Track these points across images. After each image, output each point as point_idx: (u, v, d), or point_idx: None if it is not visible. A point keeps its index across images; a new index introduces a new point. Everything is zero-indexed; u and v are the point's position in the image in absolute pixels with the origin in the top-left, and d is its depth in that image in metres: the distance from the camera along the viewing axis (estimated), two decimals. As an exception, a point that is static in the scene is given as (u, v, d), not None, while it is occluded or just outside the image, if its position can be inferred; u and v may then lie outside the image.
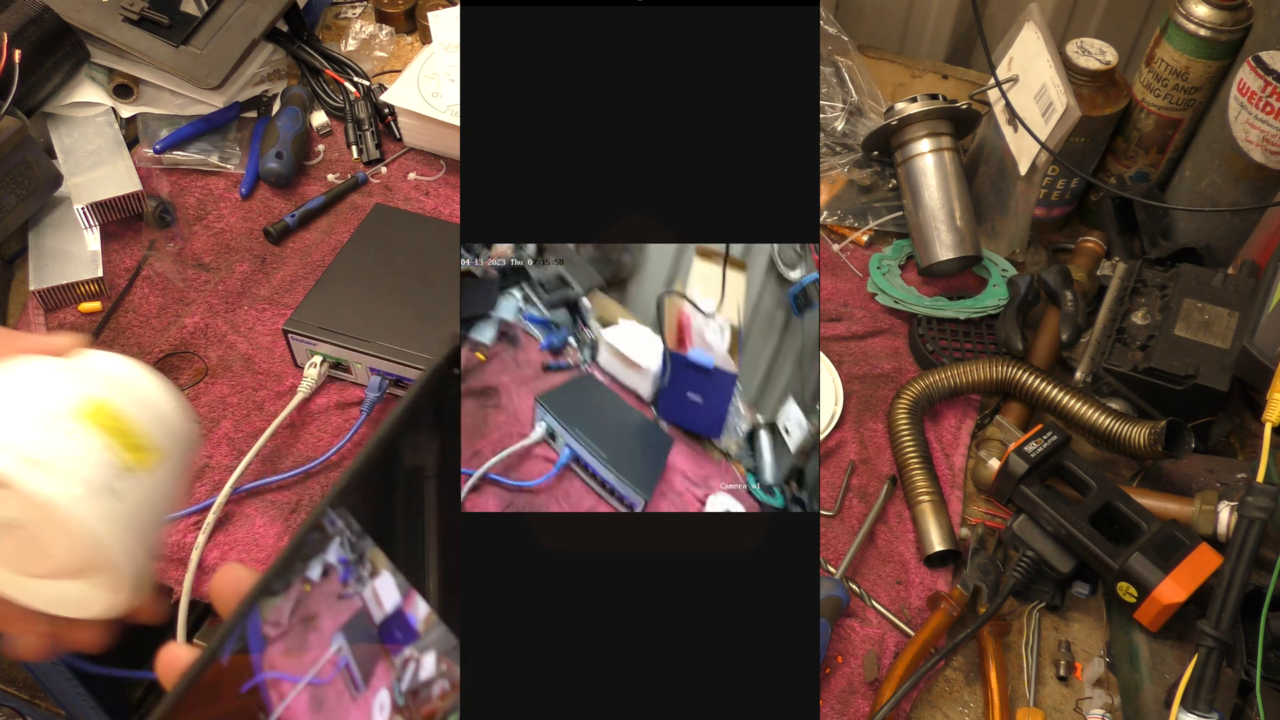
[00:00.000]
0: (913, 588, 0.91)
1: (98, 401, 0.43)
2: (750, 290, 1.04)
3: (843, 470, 0.98)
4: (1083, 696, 0.85)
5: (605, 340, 1.01)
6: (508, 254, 1.05)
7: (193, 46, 1.17)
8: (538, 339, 1.02)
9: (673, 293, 1.01)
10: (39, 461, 0.40)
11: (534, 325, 1.04)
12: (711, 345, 0.96)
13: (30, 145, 1.05)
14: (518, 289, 1.07)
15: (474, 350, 0.98)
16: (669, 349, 0.99)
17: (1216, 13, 1.01)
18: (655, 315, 1.04)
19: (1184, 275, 1.01)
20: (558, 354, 1.02)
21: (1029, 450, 0.87)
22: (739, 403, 1.01)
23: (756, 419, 0.98)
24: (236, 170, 1.20)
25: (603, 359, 1.01)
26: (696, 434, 0.99)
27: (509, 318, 1.03)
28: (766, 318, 1.03)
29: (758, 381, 1.04)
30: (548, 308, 1.06)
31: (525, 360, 0.98)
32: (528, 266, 1.07)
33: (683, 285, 1.04)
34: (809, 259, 0.99)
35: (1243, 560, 0.74)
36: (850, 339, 1.09)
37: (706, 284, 1.01)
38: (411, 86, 1.22)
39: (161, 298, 1.08)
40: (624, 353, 0.99)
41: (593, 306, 1.09)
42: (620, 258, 1.13)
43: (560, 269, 1.09)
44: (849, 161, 1.22)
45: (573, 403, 0.89)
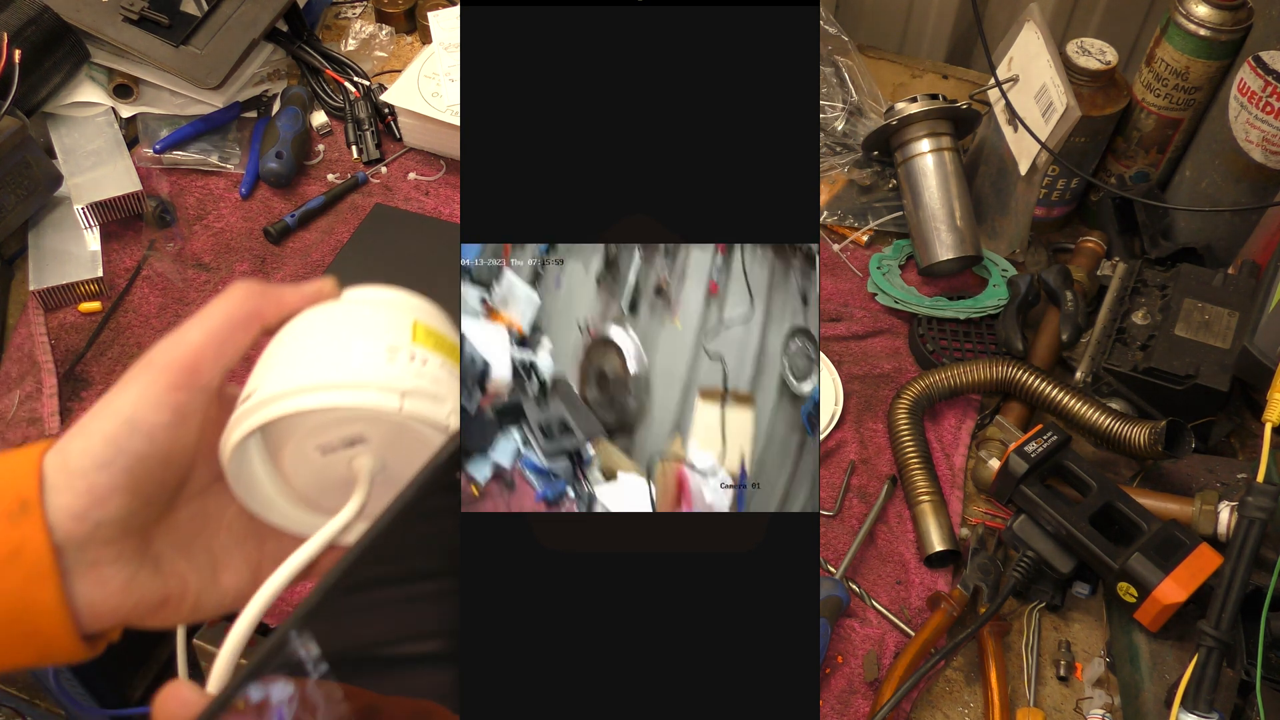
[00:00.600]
0: (913, 588, 0.91)
1: (417, 325, 0.44)
2: (760, 422, 1.00)
3: (843, 470, 0.98)
4: (1083, 696, 0.85)
5: (601, 499, 0.99)
6: (504, 391, 1.01)
7: (193, 46, 1.17)
8: (534, 489, 0.99)
9: (666, 456, 0.98)
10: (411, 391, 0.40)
11: (532, 473, 1.01)
12: (711, 505, 0.94)
13: (30, 145, 1.05)
14: (517, 430, 1.03)
15: (469, 484, 0.97)
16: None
17: (1216, 13, 1.01)
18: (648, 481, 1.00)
19: (1184, 275, 1.01)
20: (552, 506, 0.99)
21: (1029, 450, 0.87)
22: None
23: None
24: (236, 170, 1.20)
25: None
26: None
27: (505, 462, 1.00)
28: (780, 447, 1.00)
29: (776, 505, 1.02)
30: (547, 456, 1.03)
31: (518, 508, 0.98)
32: (526, 406, 1.04)
33: (682, 438, 1.00)
34: (817, 369, 0.96)
35: (1243, 560, 0.74)
36: (850, 339, 1.09)
37: (707, 434, 0.95)
38: (411, 86, 1.22)
39: (161, 298, 1.08)
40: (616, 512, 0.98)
41: (596, 455, 1.05)
42: (625, 401, 1.11)
43: (563, 412, 1.07)
44: (849, 161, 1.22)
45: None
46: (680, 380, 1.08)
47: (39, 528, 0.38)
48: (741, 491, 0.92)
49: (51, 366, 1.00)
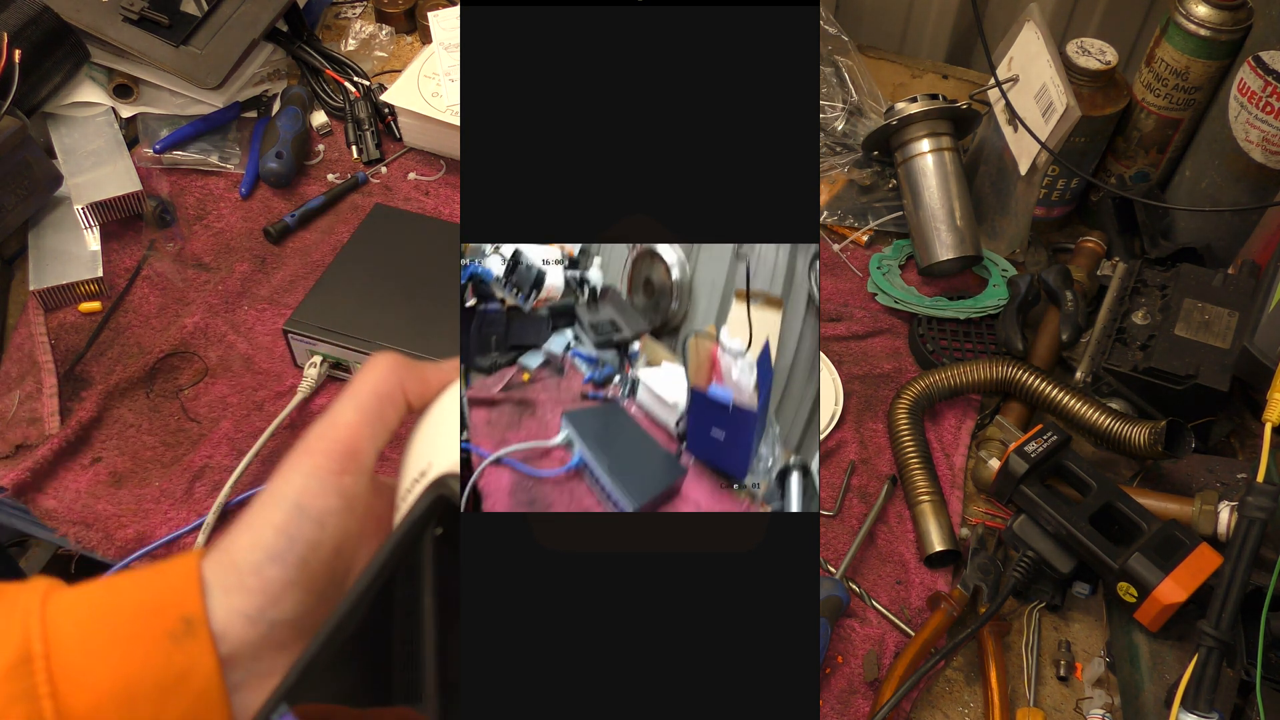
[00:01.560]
0: (913, 588, 0.91)
1: None
2: (790, 331, 1.05)
3: (843, 470, 0.98)
4: (1083, 696, 0.85)
5: (643, 379, 1.06)
6: (556, 297, 1.11)
7: (193, 46, 1.17)
8: (582, 372, 1.08)
9: (700, 334, 1.04)
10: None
11: (581, 360, 1.11)
12: (737, 383, 0.97)
13: (30, 145, 1.05)
14: (569, 328, 1.14)
15: (521, 372, 1.06)
16: (692, 387, 1.01)
17: (1216, 13, 1.01)
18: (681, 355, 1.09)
19: (1184, 275, 1.01)
20: (600, 387, 1.07)
21: (1029, 450, 0.87)
22: (775, 444, 1.03)
23: (790, 460, 0.99)
24: (236, 170, 1.20)
25: (640, 396, 1.07)
26: (724, 472, 1.00)
27: (557, 351, 1.09)
28: (808, 358, 1.06)
29: (801, 423, 1.06)
30: (597, 347, 1.13)
31: (567, 387, 1.05)
32: (579, 309, 1.14)
33: (716, 327, 1.06)
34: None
35: (1243, 560, 0.74)
36: (850, 339, 1.09)
37: (737, 324, 1.04)
38: (411, 86, 1.22)
39: (161, 298, 1.08)
40: (654, 390, 1.04)
41: (642, 350, 1.14)
42: (669, 305, 1.20)
43: (613, 314, 1.17)
44: (849, 161, 1.22)
45: (597, 422, 0.95)
46: (719, 288, 1.15)
47: (206, 648, 0.35)
48: (765, 375, 0.97)
49: (51, 366, 1.00)
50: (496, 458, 0.89)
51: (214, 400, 1.00)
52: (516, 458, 0.90)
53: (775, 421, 1.06)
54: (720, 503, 0.97)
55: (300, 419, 0.98)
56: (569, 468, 0.90)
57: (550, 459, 0.92)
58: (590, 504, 0.88)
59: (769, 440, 1.03)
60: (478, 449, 0.92)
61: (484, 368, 1.09)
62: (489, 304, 1.10)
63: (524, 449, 0.91)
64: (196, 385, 1.01)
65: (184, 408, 0.99)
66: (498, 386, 1.06)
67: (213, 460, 0.95)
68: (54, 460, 0.93)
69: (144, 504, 0.91)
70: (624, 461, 0.90)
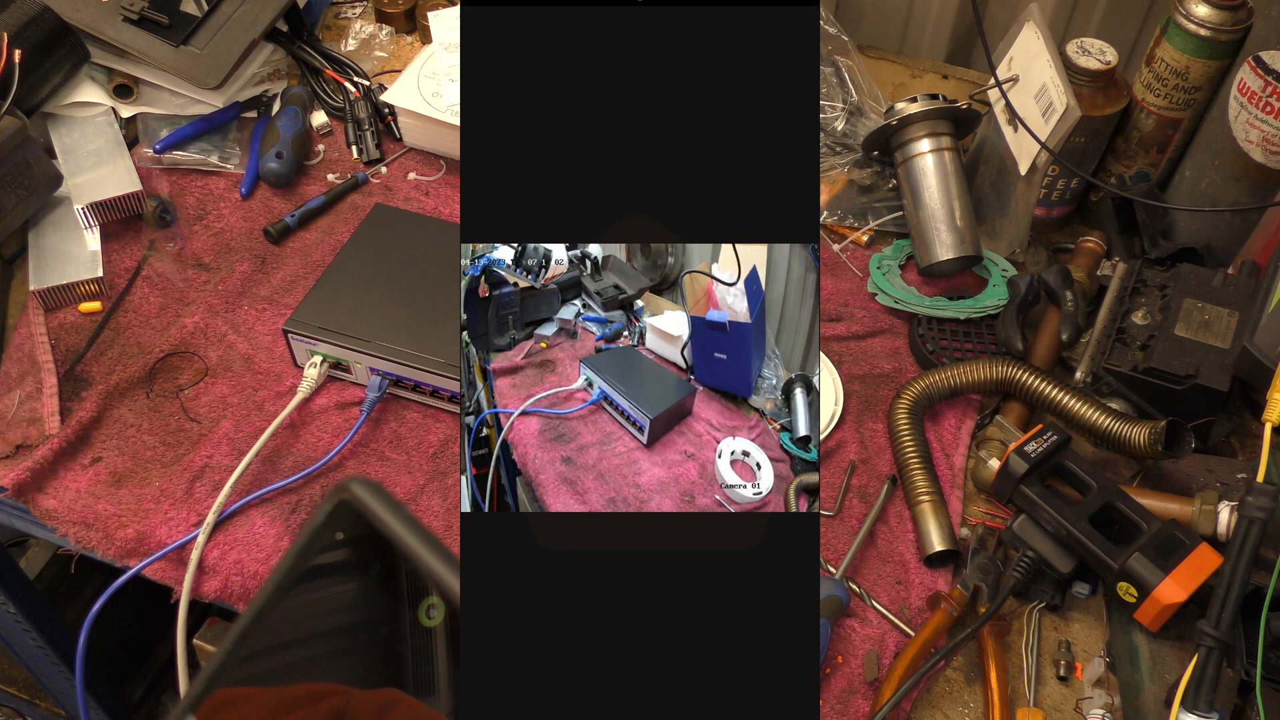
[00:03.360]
0: (913, 588, 0.91)
1: None
2: (778, 258, 1.14)
3: (843, 470, 0.98)
4: (1083, 696, 0.85)
5: (649, 323, 1.17)
6: (563, 272, 1.21)
7: (193, 46, 1.17)
8: (594, 332, 1.20)
9: (694, 271, 1.14)
10: None
11: (591, 322, 1.22)
12: (731, 306, 1.06)
13: (30, 145, 1.05)
14: (577, 299, 1.23)
15: (538, 341, 1.17)
16: (692, 316, 1.10)
17: (1216, 13, 1.01)
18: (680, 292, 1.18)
19: (1184, 275, 1.01)
20: (611, 342, 1.18)
21: (1029, 450, 0.87)
22: (778, 366, 1.11)
23: (792, 376, 1.06)
24: (236, 170, 1.20)
25: (649, 340, 1.17)
26: (730, 392, 1.09)
27: (569, 317, 1.21)
28: (798, 283, 1.12)
29: (801, 344, 1.13)
30: (604, 309, 1.24)
31: (582, 346, 1.17)
32: (585, 280, 1.23)
33: (709, 265, 1.16)
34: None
35: (1243, 560, 0.74)
36: (850, 339, 1.09)
37: (728, 260, 1.13)
38: (411, 86, 1.22)
39: (161, 298, 1.08)
40: (661, 328, 1.14)
41: (646, 304, 1.24)
42: (666, 261, 1.32)
43: (615, 279, 1.30)
44: (849, 161, 1.22)
45: (611, 362, 1.04)
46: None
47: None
48: (755, 295, 1.06)
49: (52, 366, 1.00)
50: (523, 410, 0.98)
51: (214, 400, 1.00)
52: (543, 405, 1.01)
53: (776, 349, 1.17)
54: (729, 418, 1.05)
55: (300, 419, 0.98)
56: (590, 403, 1.00)
57: (573, 400, 1.02)
58: (613, 429, 0.97)
59: (772, 365, 1.12)
60: (505, 410, 1.01)
61: (503, 346, 1.16)
62: (503, 289, 1.15)
63: (548, 394, 1.02)
64: (196, 385, 1.01)
65: (184, 408, 0.99)
66: (519, 356, 1.15)
67: (213, 460, 0.95)
68: (54, 460, 0.93)
69: (144, 504, 0.91)
70: (640, 388, 0.98)
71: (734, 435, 0.99)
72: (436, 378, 0.95)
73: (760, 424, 1.06)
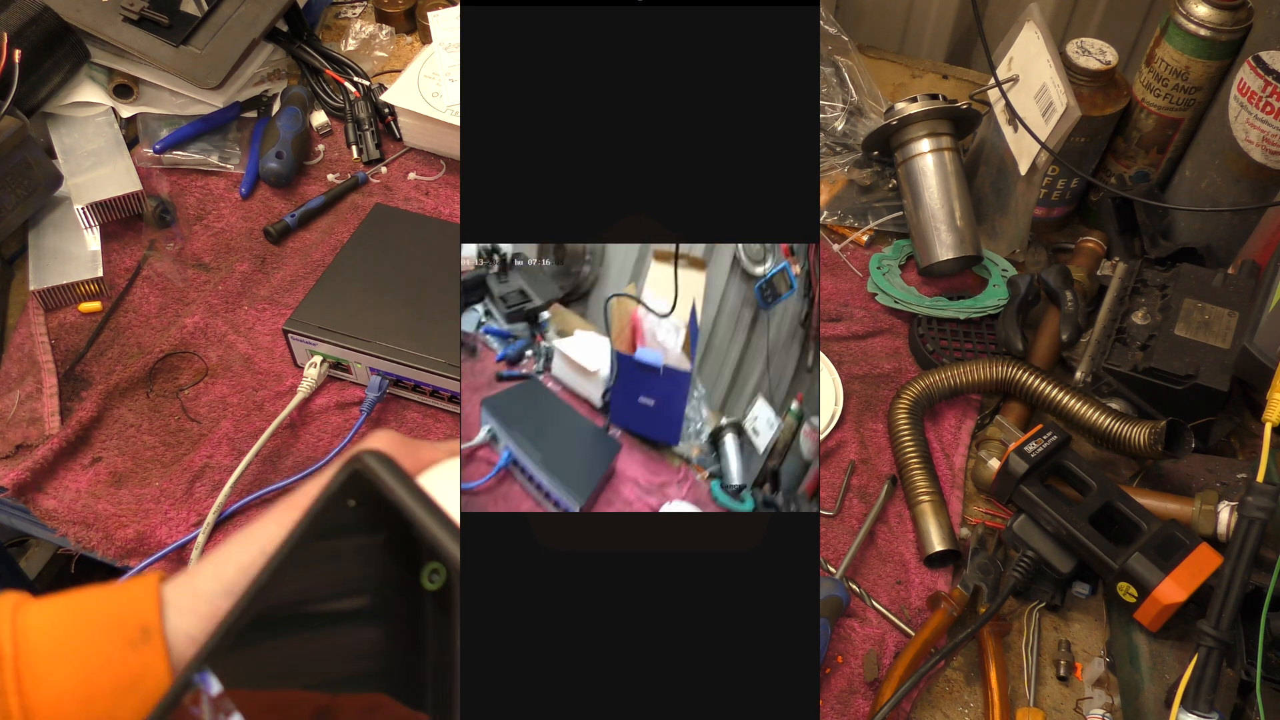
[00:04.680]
0: (913, 588, 0.91)
1: None
2: (713, 289, 0.99)
3: (843, 470, 0.98)
4: (1083, 696, 0.85)
5: (559, 349, 1.00)
6: (470, 266, 1.06)
7: (193, 46, 1.17)
8: (495, 350, 1.02)
9: (621, 295, 0.98)
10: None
11: (493, 337, 1.05)
12: (664, 345, 0.92)
13: (30, 145, 1.05)
14: (479, 303, 1.08)
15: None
16: (617, 351, 0.95)
17: (1216, 13, 1.01)
18: (603, 319, 1.01)
19: (1184, 275, 1.01)
20: (514, 364, 1.02)
21: (1029, 450, 0.87)
22: (701, 406, 0.96)
23: (721, 421, 0.93)
24: (236, 170, 1.20)
25: (556, 368, 1.01)
26: (653, 441, 0.94)
27: (468, 329, 1.04)
28: (732, 316, 0.99)
29: (725, 383, 1.00)
30: (507, 320, 1.07)
31: (481, 370, 0.99)
32: (489, 280, 1.08)
33: (636, 288, 0.99)
34: (776, 252, 0.95)
35: (1243, 560, 0.74)
36: (850, 339, 1.09)
37: (660, 284, 0.96)
38: (411, 86, 1.22)
39: (161, 298, 1.08)
40: (574, 359, 0.98)
41: (551, 318, 1.07)
42: (580, 270, 1.13)
43: (521, 283, 1.10)
44: (849, 161, 1.22)
45: (516, 407, 0.89)
46: (635, 249, 1.07)
47: (160, 656, 0.38)
48: (694, 336, 0.91)
49: (52, 366, 1.00)
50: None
51: (214, 400, 1.00)
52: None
53: (698, 383, 1.00)
54: (656, 473, 0.92)
55: (300, 419, 0.98)
56: (498, 469, 0.84)
57: (477, 461, 0.85)
58: (527, 504, 0.82)
59: (693, 403, 0.97)
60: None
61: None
62: None
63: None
64: (196, 385, 1.01)
65: (184, 408, 0.99)
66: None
67: (213, 460, 0.95)
68: (54, 460, 0.93)
69: (144, 504, 0.91)
70: (555, 450, 0.84)
71: (668, 497, 0.88)
72: (436, 378, 0.95)
73: (689, 474, 0.94)
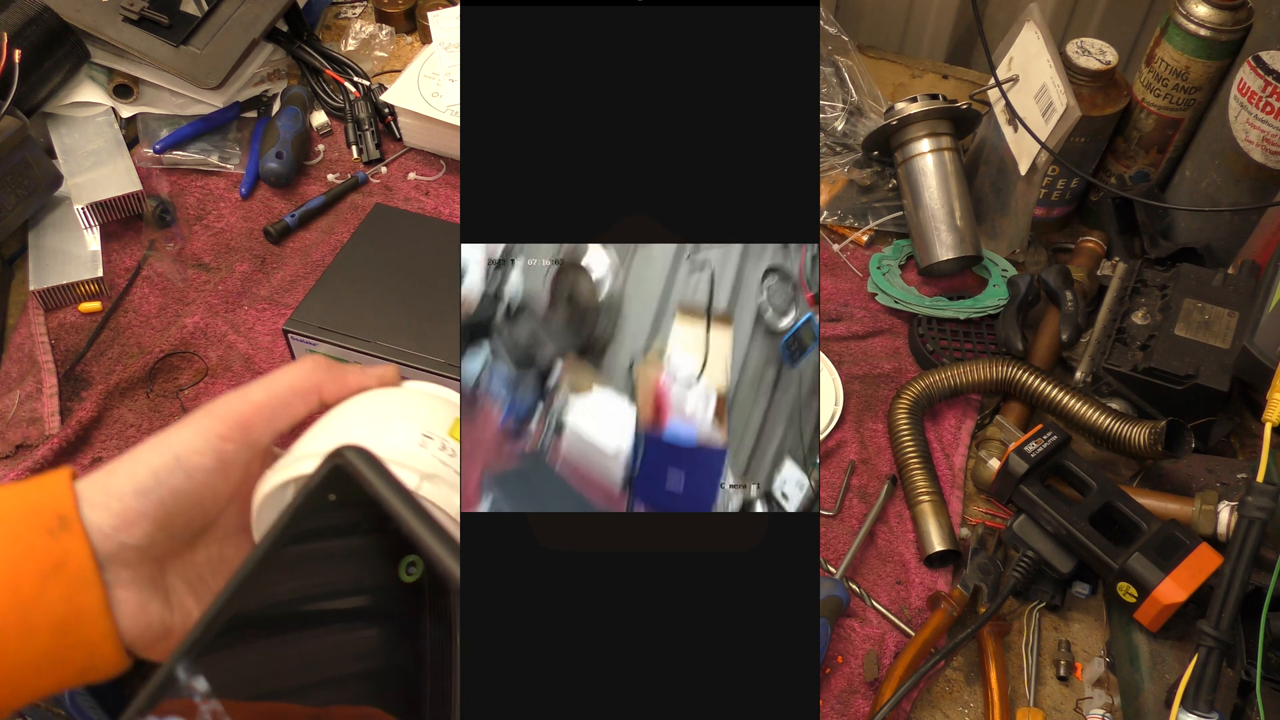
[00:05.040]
0: (913, 588, 0.91)
1: (458, 421, 0.50)
2: (737, 349, 0.95)
3: (843, 470, 0.98)
4: (1083, 696, 0.85)
5: (570, 422, 0.94)
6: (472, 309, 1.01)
7: (192, 46, 1.17)
8: (501, 405, 0.96)
9: (647, 361, 0.92)
10: (432, 475, 0.44)
11: (500, 385, 0.97)
12: (694, 417, 0.88)
13: (30, 145, 1.05)
14: (486, 339, 1.02)
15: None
16: (641, 428, 0.90)
17: (1216, 13, 1.01)
18: (628, 386, 0.94)
19: (1184, 275, 1.01)
20: (522, 423, 0.95)
21: (1029, 450, 0.87)
22: (727, 477, 0.91)
23: (750, 492, 0.90)
24: (236, 170, 1.20)
25: (567, 444, 0.95)
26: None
27: (473, 371, 0.97)
28: (754, 378, 0.94)
29: (748, 449, 0.97)
30: (518, 366, 1.00)
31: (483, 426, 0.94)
32: (495, 327, 1.02)
33: (661, 349, 0.94)
34: (802, 301, 0.90)
35: (1243, 560, 0.74)
36: (850, 339, 1.09)
37: (688, 345, 0.88)
38: (411, 86, 1.22)
39: (161, 298, 1.08)
40: (589, 438, 0.93)
41: (565, 373, 1.02)
42: (595, 322, 1.06)
43: (535, 327, 1.04)
44: (849, 161, 1.22)
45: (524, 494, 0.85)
46: (654, 300, 1.03)
47: (80, 540, 0.40)
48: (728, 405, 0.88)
49: (52, 366, 1.00)
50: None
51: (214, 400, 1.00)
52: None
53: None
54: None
55: (300, 419, 0.98)
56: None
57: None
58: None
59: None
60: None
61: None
62: None
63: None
64: (196, 385, 1.01)
65: (184, 408, 0.99)
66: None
67: (213, 460, 0.95)
68: (54, 460, 0.93)
69: (144, 504, 0.91)
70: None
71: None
72: (436, 378, 0.95)
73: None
